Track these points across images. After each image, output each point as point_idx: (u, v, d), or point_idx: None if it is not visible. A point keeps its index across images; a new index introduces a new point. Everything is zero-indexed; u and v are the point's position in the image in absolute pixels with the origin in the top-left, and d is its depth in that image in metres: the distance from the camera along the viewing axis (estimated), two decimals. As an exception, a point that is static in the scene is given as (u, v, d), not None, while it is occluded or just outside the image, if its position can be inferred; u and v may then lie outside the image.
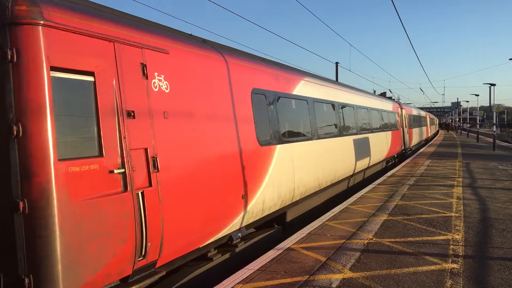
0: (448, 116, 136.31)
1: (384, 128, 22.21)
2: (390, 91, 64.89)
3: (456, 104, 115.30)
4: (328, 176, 12.53)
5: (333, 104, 14.13)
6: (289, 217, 10.62)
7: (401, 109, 29.60)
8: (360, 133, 16.94)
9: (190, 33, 8.05)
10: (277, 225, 10.14)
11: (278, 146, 9.42)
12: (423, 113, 53.19)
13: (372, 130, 19.39)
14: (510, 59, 24.92)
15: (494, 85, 36.71)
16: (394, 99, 35.98)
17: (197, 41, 7.63)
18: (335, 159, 13.23)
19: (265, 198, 8.72)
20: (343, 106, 15.16)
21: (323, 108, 13.24)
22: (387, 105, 25.03)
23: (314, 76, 13.86)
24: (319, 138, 12.13)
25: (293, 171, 9.96)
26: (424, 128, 48.13)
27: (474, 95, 55.54)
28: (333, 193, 14.00)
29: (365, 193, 13.92)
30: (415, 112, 41.22)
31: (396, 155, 25.97)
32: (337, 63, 38.10)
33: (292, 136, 10.48)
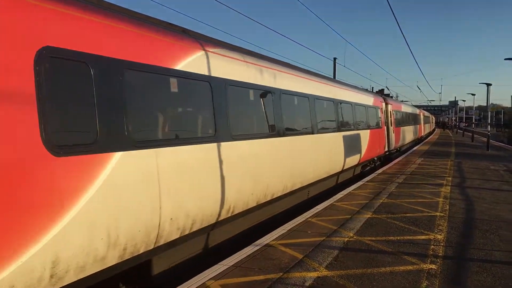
0: (445, 115, 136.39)
1: (359, 126, 18.05)
2: (387, 88, 64.57)
3: (454, 103, 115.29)
4: (241, 201, 8.36)
5: (266, 92, 9.75)
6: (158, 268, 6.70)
7: (386, 104, 25.56)
8: (318, 132, 12.83)
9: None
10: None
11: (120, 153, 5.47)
12: (416, 110, 49.20)
13: (340, 128, 15.18)
14: (505, 59, 24.66)
15: (490, 84, 36.56)
16: (378, 93, 30.53)
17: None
18: (258, 172, 9.01)
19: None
20: (284, 94, 10.66)
21: (247, 97, 9.17)
22: (365, 99, 20.40)
23: (224, 46, 8.73)
24: (230, 139, 8.04)
25: (157, 195, 6.05)
26: (417, 127, 44.22)
27: (471, 94, 55.18)
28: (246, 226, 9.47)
29: (352, 190, 13.80)
30: (405, 108, 36.82)
31: (376, 158, 22.46)
32: (335, 58, 37.90)
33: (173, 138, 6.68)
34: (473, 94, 55.21)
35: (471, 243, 8.11)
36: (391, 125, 25.95)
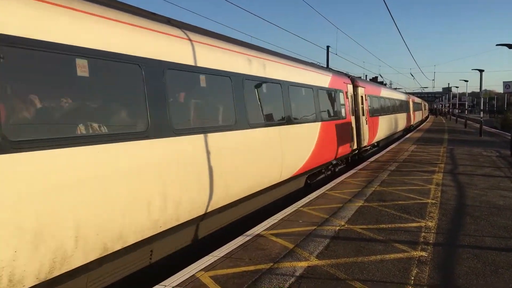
0: (438, 102, 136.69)
1: (298, 117, 12.14)
2: (380, 76, 64.49)
3: (447, 90, 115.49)
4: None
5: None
6: None
7: (356, 86, 19.67)
8: (220, 130, 8.10)
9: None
10: None
11: None
12: (403, 95, 42.51)
13: (267, 123, 10.17)
14: (497, 45, 24.63)
15: (482, 71, 36.53)
16: (345, 73, 20.71)
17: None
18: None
19: None
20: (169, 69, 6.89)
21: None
22: (314, 77, 14.15)
23: None
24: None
25: None
26: (404, 115, 38.03)
27: (464, 81, 55.11)
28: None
29: (345, 179, 13.81)
30: (387, 93, 30.31)
31: (336, 161, 15.91)
32: (328, 47, 37.72)
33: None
34: (466, 81, 55.24)
35: (462, 230, 8.12)
36: (364, 115, 20.25)
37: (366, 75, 65.32)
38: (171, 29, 7.19)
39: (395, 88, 58.36)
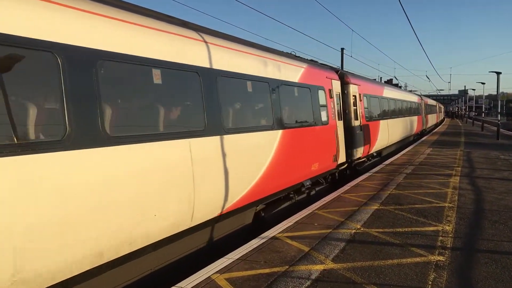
0: (454, 104, 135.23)
1: (250, 123, 9.13)
2: (395, 78, 64.05)
3: (463, 92, 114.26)
4: None
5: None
6: None
7: (346, 83, 15.86)
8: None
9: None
10: None
11: None
12: (413, 96, 37.36)
13: (178, 134, 6.67)
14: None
15: (500, 73, 36.09)
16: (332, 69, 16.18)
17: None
18: None
19: None
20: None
21: None
22: (277, 69, 10.42)
23: None
24: None
25: None
26: (414, 119, 33.47)
27: (481, 83, 54.52)
28: None
29: (360, 181, 13.71)
30: (391, 93, 25.29)
31: (313, 181, 12.23)
32: (342, 49, 37.55)
33: None
34: (483, 83, 54.78)
35: (480, 234, 8.01)
36: (358, 119, 16.42)
37: (381, 78, 64.97)
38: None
39: (410, 91, 57.21)
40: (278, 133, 9.74)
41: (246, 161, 8.38)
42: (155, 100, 6.42)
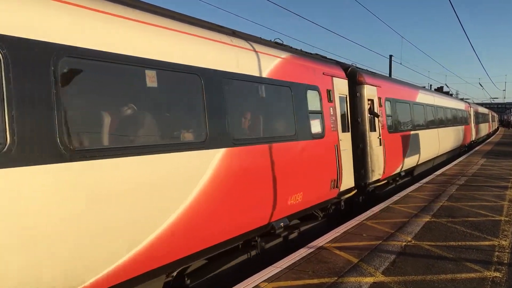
0: (510, 113, 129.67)
1: (152, 139, 5.69)
2: (446, 85, 62.00)
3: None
4: None
5: None
6: None
7: (359, 84, 12.50)
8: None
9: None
10: None
11: None
12: (457, 103, 31.32)
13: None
14: None
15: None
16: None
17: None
18: None
19: None
20: None
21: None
22: (226, 55, 7.07)
23: None
24: None
25: None
26: (459, 129, 28.34)
27: (539, 91, 51.80)
28: None
29: (409, 192, 13.37)
30: (426, 98, 20.70)
31: (291, 220, 8.75)
32: (391, 56, 36.89)
33: None
34: (541, 91, 51.87)
35: (540, 251, 7.61)
36: (376, 129, 13.04)
37: (430, 85, 63.22)
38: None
39: (462, 99, 54.70)
40: (217, 153, 6.38)
41: (143, 200, 5.15)
42: None
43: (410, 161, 16.21)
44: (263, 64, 7.94)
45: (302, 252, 7.38)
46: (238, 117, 7.31)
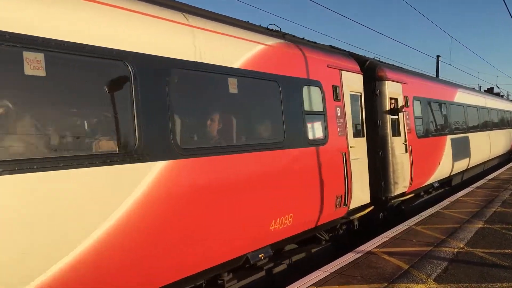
0: None
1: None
2: (497, 86, 59.74)
3: None
4: None
5: None
6: None
7: (380, 80, 10.72)
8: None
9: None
10: None
11: None
12: (504, 103, 27.69)
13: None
14: None
15: None
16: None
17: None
18: None
19: None
20: None
21: None
22: (182, 36, 5.66)
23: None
24: None
25: None
26: (506, 133, 25.00)
27: None
28: None
29: (460, 197, 12.94)
30: (466, 98, 18.27)
31: (268, 252, 6.82)
32: (438, 56, 35.92)
33: None
34: None
35: None
36: (400, 134, 11.19)
37: (480, 86, 60.98)
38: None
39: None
40: (153, 168, 4.86)
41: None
42: None
43: (445, 169, 14.16)
44: (237, 51, 6.34)
45: (349, 257, 7.28)
46: (192, 120, 5.79)
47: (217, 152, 5.73)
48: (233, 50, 6.26)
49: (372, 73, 10.54)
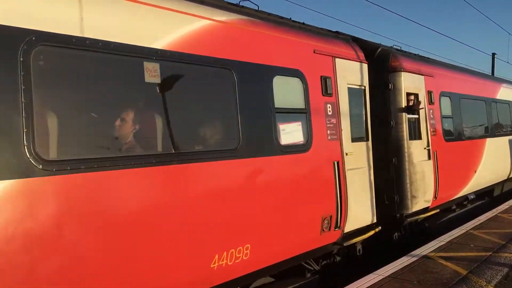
0: None
1: None
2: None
3: None
4: None
5: None
6: None
7: (393, 71, 8.70)
8: None
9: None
10: None
11: None
12: None
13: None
14: None
15: None
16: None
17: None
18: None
19: None
20: None
21: None
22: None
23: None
24: None
25: None
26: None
27: None
28: None
29: (518, 201, 12.37)
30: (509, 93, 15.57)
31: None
32: (493, 53, 34.46)
33: None
34: None
35: None
36: (422, 137, 9.24)
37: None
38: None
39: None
40: None
41: None
42: None
43: (482, 179, 11.74)
44: (160, 27, 4.73)
45: (404, 261, 7.12)
46: (77, 119, 4.06)
47: (120, 165, 4.07)
48: (154, 25, 4.66)
49: (385, 63, 8.74)
